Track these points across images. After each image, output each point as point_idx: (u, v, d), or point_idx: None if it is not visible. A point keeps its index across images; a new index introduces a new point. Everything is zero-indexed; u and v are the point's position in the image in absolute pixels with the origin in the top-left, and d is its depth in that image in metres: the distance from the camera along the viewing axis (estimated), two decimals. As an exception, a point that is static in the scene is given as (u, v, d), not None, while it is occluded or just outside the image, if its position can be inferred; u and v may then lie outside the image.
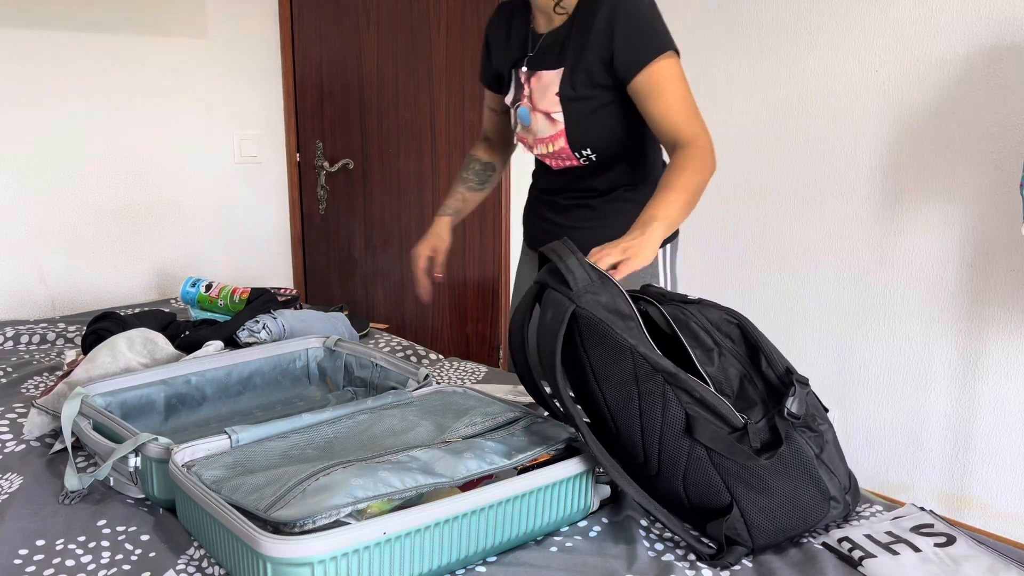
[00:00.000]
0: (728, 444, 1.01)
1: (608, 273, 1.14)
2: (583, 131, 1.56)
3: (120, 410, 1.32)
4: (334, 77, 3.02)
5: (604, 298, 1.06)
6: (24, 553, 1.03)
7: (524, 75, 1.60)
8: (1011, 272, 2.15)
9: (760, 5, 2.48)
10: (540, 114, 1.58)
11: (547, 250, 1.11)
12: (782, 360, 1.09)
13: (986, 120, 2.14)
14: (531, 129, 1.62)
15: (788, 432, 1.03)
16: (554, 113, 1.56)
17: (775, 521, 1.03)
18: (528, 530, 1.05)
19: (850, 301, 2.44)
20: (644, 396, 1.03)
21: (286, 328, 1.68)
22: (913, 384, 2.36)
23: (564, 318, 1.05)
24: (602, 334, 1.04)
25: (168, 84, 2.76)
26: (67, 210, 2.61)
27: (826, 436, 1.08)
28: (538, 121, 1.60)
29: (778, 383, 1.08)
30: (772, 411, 1.05)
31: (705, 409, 1.02)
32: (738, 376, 1.07)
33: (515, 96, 1.64)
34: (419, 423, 1.14)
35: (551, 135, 1.59)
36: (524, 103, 1.61)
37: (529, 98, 1.60)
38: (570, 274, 1.07)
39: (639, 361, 1.03)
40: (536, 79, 1.58)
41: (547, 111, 1.57)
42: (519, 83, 1.62)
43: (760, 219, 2.58)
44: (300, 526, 0.89)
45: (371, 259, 3.11)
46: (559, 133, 1.58)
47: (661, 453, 1.04)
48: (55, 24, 2.51)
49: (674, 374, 1.02)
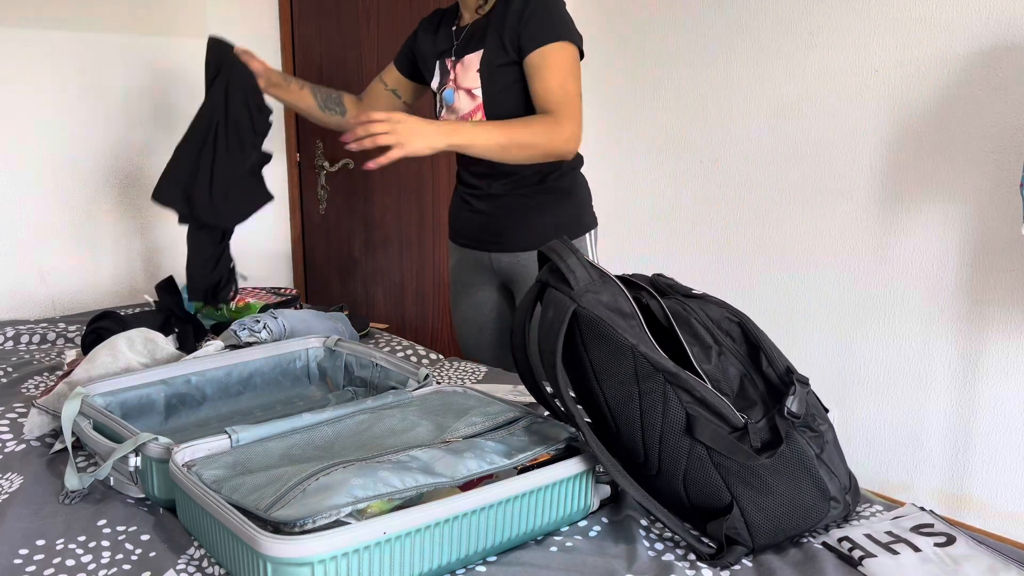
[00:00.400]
0: (729, 443, 1.01)
1: (374, 160, 1.49)
2: (497, 103, 1.73)
3: (120, 410, 1.32)
4: (334, 76, 3.02)
5: (605, 297, 1.06)
6: (24, 553, 1.03)
7: (451, 62, 1.80)
8: (1011, 272, 2.15)
9: (760, 5, 2.48)
10: (462, 91, 1.77)
11: (547, 249, 1.11)
12: (782, 359, 1.09)
13: (986, 120, 2.14)
14: (454, 107, 1.79)
15: (788, 432, 1.03)
16: (474, 89, 1.74)
17: (775, 521, 1.03)
18: (528, 530, 1.05)
19: (850, 301, 2.44)
20: (645, 395, 1.03)
21: (286, 328, 1.68)
22: (913, 384, 2.36)
23: (565, 317, 1.05)
24: (603, 333, 1.04)
25: (169, 83, 2.75)
26: (67, 209, 2.61)
27: (826, 436, 1.08)
28: (460, 98, 1.77)
29: (778, 382, 1.08)
30: (772, 411, 1.05)
31: (705, 409, 1.02)
32: (738, 375, 1.07)
33: (440, 80, 1.83)
34: (419, 423, 1.14)
35: (471, 110, 1.76)
36: (449, 85, 1.80)
37: (454, 80, 1.79)
38: (571, 273, 1.07)
39: (640, 360, 1.03)
40: (460, 64, 1.77)
41: (468, 88, 1.75)
42: (445, 69, 1.81)
43: (760, 219, 2.58)
44: (300, 526, 0.89)
45: (371, 259, 3.11)
46: (478, 107, 1.75)
47: (661, 452, 1.04)
48: (55, 23, 2.51)
49: (675, 373, 1.02)
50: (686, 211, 2.74)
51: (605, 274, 1.09)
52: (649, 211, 2.80)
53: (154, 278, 2.82)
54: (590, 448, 1.05)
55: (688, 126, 2.70)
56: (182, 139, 1.88)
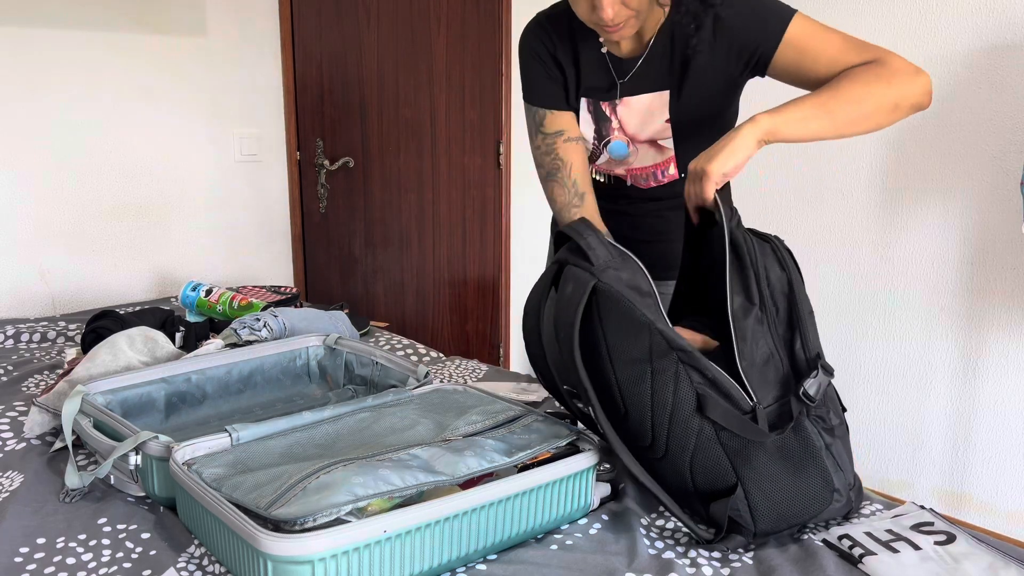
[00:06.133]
0: (740, 421, 1.01)
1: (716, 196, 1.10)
2: (695, 149, 1.30)
3: (121, 408, 1.32)
4: (334, 75, 3.02)
5: (625, 275, 1.07)
6: (25, 551, 1.03)
7: (609, 106, 1.41)
8: (1011, 270, 2.15)
9: (760, 3, 2.48)
10: (644, 144, 1.42)
11: (567, 228, 1.12)
12: (816, 345, 1.09)
13: (987, 118, 2.14)
14: (627, 161, 1.45)
15: (799, 418, 1.03)
16: (662, 140, 1.41)
17: (778, 506, 1.03)
18: (528, 528, 1.05)
19: (850, 300, 2.44)
20: (657, 374, 1.03)
21: (287, 326, 1.68)
22: (913, 382, 2.36)
23: (585, 291, 1.05)
24: (622, 310, 1.04)
25: (168, 82, 2.75)
26: (67, 208, 2.61)
27: (837, 432, 1.08)
28: (640, 152, 1.43)
29: (804, 366, 1.07)
30: (787, 395, 1.05)
31: (715, 390, 1.02)
32: (767, 351, 1.06)
33: (599, 131, 1.44)
34: (419, 421, 1.14)
35: (657, 163, 1.44)
36: (616, 136, 1.43)
37: (620, 129, 1.42)
38: (591, 251, 1.08)
39: (656, 337, 1.03)
40: (624, 106, 1.40)
41: (653, 138, 1.41)
42: (603, 115, 1.43)
43: (760, 218, 2.58)
44: (301, 524, 0.89)
45: (371, 257, 3.11)
46: (668, 160, 1.43)
47: (670, 433, 1.04)
48: (55, 22, 2.51)
49: (689, 352, 1.02)
50: (686, 210, 2.74)
51: (624, 252, 1.09)
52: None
53: (154, 277, 2.82)
54: (598, 423, 1.05)
55: (688, 125, 2.70)
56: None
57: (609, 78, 1.40)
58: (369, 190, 3.06)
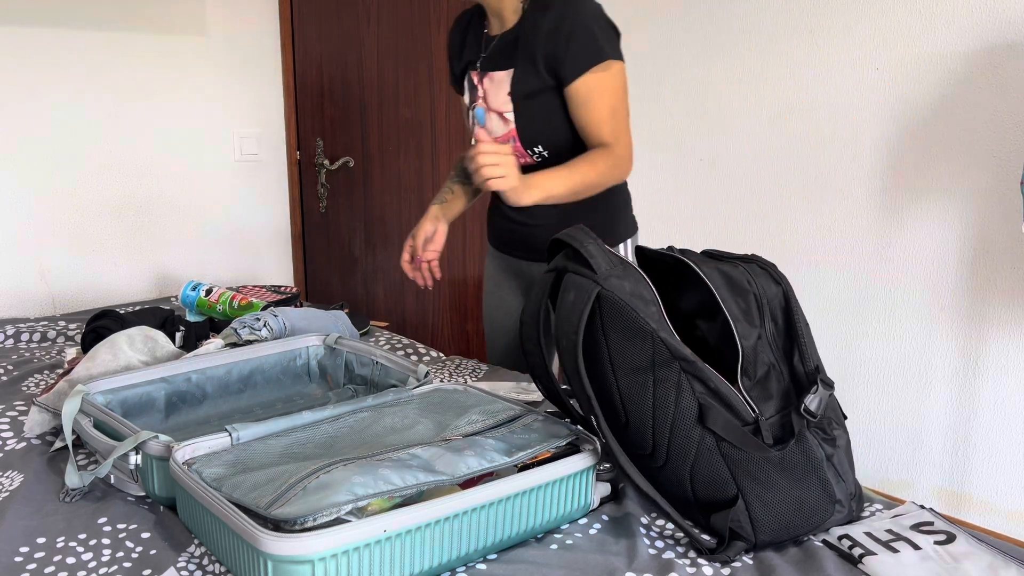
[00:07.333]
0: (741, 434, 1.01)
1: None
2: (533, 129, 1.60)
3: (121, 408, 1.32)
4: (334, 75, 3.02)
5: (628, 283, 1.06)
6: (25, 551, 1.03)
7: (477, 76, 1.66)
8: (1011, 270, 2.15)
9: (760, 4, 2.48)
10: (494, 114, 1.64)
11: (565, 235, 1.11)
12: (815, 357, 1.08)
13: (986, 118, 2.14)
14: (487, 128, 1.67)
15: (801, 431, 1.03)
16: (506, 112, 1.61)
17: (779, 518, 1.03)
18: (529, 527, 1.05)
19: (850, 299, 2.44)
20: (659, 383, 1.03)
21: (287, 326, 1.68)
22: (913, 382, 2.36)
23: (589, 299, 1.04)
24: (626, 317, 1.04)
25: (168, 82, 2.75)
26: (67, 208, 2.61)
27: (839, 442, 1.08)
28: (492, 121, 1.65)
29: (804, 379, 1.07)
30: (789, 407, 1.05)
31: (718, 400, 1.02)
32: (767, 365, 1.06)
33: (471, 97, 1.69)
34: (419, 421, 1.14)
35: (504, 134, 1.64)
36: (479, 104, 1.66)
37: (483, 98, 1.65)
38: (592, 259, 1.07)
39: (659, 346, 1.02)
40: (488, 79, 1.63)
41: (499, 110, 1.62)
42: (472, 84, 1.68)
43: (760, 218, 2.58)
44: (301, 524, 0.89)
45: (371, 257, 3.11)
46: (511, 132, 1.62)
47: (671, 442, 1.04)
48: (55, 22, 2.51)
49: (692, 361, 1.02)
50: (686, 211, 2.74)
51: (624, 260, 1.09)
52: (649, 211, 2.79)
53: (154, 277, 2.82)
54: (599, 429, 1.05)
55: (688, 126, 2.70)
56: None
57: (480, 54, 1.67)
58: (369, 190, 3.06)
